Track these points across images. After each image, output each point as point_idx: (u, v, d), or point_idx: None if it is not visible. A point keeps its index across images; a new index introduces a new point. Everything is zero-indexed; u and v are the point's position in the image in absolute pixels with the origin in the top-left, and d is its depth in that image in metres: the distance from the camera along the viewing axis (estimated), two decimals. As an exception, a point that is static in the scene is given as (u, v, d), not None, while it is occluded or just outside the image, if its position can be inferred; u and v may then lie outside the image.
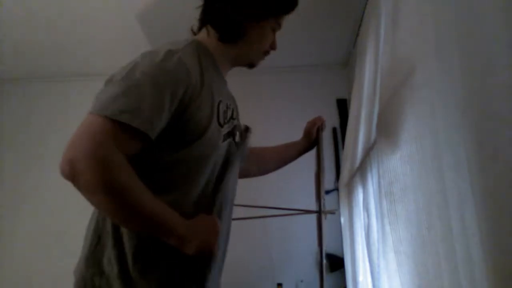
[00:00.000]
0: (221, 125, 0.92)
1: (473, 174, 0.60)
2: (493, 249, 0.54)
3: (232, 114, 1.01)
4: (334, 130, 2.68)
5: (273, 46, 1.09)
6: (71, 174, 0.69)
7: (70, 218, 2.66)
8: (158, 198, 0.77)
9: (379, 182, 1.18)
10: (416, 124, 0.89)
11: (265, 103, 2.82)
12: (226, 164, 0.97)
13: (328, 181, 2.54)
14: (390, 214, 1.04)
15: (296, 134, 2.71)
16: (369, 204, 1.36)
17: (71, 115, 2.95)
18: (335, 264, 2.27)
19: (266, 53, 1.09)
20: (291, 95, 2.82)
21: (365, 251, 1.43)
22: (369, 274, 1.35)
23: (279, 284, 2.27)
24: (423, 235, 0.82)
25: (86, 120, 0.74)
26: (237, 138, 1.04)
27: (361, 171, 1.51)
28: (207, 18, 1.02)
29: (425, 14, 0.86)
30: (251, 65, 1.10)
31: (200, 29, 1.06)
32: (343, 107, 2.70)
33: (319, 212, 1.31)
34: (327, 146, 2.64)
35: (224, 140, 0.94)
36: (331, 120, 2.70)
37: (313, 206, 1.39)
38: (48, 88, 3.02)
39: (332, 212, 1.40)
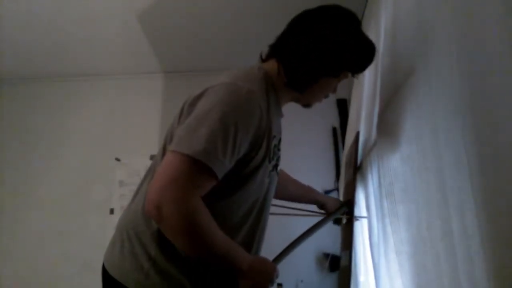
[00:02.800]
0: (269, 162, 0.96)
1: (473, 174, 0.60)
2: (493, 249, 0.54)
3: (278, 145, 1.04)
4: (334, 130, 2.68)
5: (334, 91, 1.08)
6: (158, 217, 0.77)
7: (70, 218, 2.67)
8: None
9: (379, 182, 1.18)
10: (416, 124, 0.89)
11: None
12: (267, 194, 1.02)
13: (328, 181, 2.55)
14: (391, 214, 1.04)
15: (296, 134, 2.70)
16: (369, 205, 1.36)
17: (71, 115, 2.96)
18: (334, 264, 2.26)
19: (326, 96, 1.09)
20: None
21: (366, 252, 1.43)
22: (370, 274, 1.35)
23: (279, 284, 2.26)
24: (424, 235, 0.82)
25: (169, 158, 0.80)
26: (278, 169, 1.07)
27: (361, 171, 1.51)
28: (282, 57, 0.98)
29: (425, 14, 0.86)
30: (307, 106, 1.11)
31: (269, 57, 1.02)
32: (343, 107, 2.70)
33: (351, 217, 1.35)
34: (327, 146, 2.64)
35: (268, 176, 0.98)
36: (331, 120, 2.70)
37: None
38: (48, 88, 3.02)
39: (362, 217, 1.44)
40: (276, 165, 1.03)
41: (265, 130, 0.90)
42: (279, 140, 1.05)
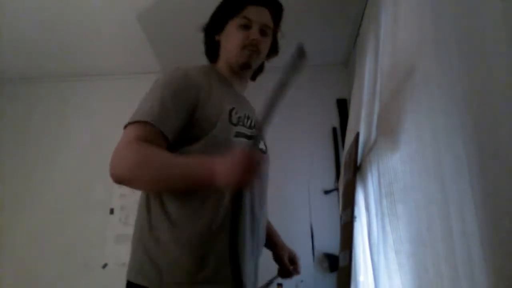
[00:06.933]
0: (233, 124, 1.01)
1: (473, 174, 0.60)
2: (493, 249, 0.54)
3: (251, 123, 1.08)
4: (334, 130, 2.68)
5: (250, 38, 1.07)
6: (112, 170, 0.88)
7: (70, 218, 2.67)
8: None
9: (379, 182, 1.18)
10: (416, 124, 0.89)
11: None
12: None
13: (328, 181, 2.54)
14: (390, 214, 1.04)
15: (296, 134, 2.70)
16: (369, 204, 1.36)
17: (71, 115, 2.97)
18: (334, 264, 2.26)
19: (246, 47, 1.08)
20: (291, 95, 2.82)
21: (366, 251, 1.43)
22: (369, 274, 1.35)
23: (279, 284, 2.26)
24: (423, 235, 0.82)
25: (121, 137, 0.92)
26: (263, 146, 1.15)
27: (361, 171, 1.51)
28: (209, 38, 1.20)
29: (425, 14, 0.86)
30: (242, 66, 1.11)
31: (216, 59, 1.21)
32: (343, 107, 2.70)
33: (351, 219, 1.36)
34: (327, 146, 2.64)
35: (237, 136, 1.01)
36: (331, 120, 2.71)
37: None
38: (48, 88, 3.02)
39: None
40: (256, 140, 0.97)
41: (207, 92, 0.99)
42: (253, 121, 1.09)
